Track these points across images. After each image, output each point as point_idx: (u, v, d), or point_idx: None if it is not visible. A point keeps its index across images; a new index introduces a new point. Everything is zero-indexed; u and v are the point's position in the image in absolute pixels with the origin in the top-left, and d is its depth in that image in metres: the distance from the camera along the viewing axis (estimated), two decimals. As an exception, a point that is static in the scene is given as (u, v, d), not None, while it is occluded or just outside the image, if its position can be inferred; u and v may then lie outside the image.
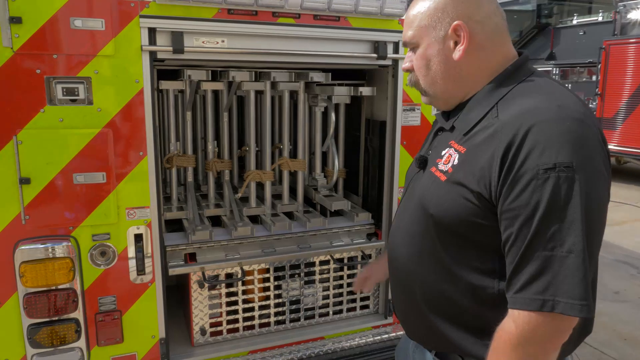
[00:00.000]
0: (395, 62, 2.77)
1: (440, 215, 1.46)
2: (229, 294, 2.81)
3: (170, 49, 2.29)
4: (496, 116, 1.40)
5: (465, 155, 1.42)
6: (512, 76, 1.48)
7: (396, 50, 2.75)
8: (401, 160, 2.92)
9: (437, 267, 1.52)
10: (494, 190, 1.32)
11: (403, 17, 2.72)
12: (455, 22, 1.46)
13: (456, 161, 1.44)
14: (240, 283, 2.81)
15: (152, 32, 2.26)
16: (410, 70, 1.62)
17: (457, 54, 1.48)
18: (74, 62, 2.17)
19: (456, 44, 1.48)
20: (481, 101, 1.48)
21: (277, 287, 2.92)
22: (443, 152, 1.52)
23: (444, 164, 1.49)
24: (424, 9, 1.52)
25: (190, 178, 3.22)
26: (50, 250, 2.23)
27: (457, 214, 1.41)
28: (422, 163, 1.62)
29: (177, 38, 2.29)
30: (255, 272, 2.84)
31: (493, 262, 1.40)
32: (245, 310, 2.87)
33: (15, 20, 2.03)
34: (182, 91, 3.28)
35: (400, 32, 2.67)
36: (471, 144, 1.42)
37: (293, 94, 3.21)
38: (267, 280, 2.90)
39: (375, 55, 2.68)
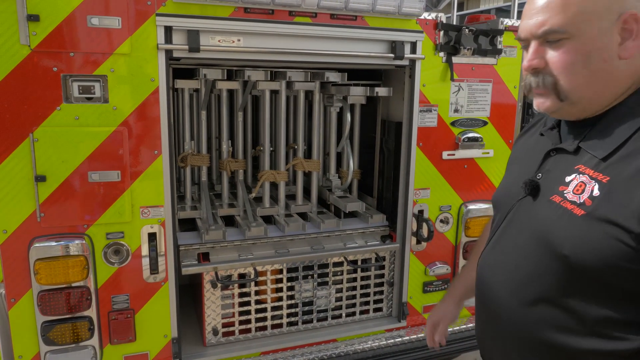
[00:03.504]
0: (413, 62, 2.73)
1: (579, 258, 1.20)
2: (241, 295, 2.79)
3: (186, 47, 2.28)
4: None
5: (610, 185, 1.18)
6: None
7: (413, 51, 2.71)
8: (417, 162, 2.88)
9: (558, 316, 1.28)
10: None
11: (421, 17, 2.68)
12: (629, 11, 1.19)
13: (596, 192, 1.20)
14: (253, 283, 2.79)
15: (168, 30, 2.25)
16: (537, 70, 1.30)
17: (625, 51, 1.22)
18: (91, 60, 2.17)
19: (622, 38, 1.22)
20: (623, 118, 1.23)
21: (290, 288, 2.90)
22: (569, 179, 1.28)
23: (574, 193, 1.25)
24: None
25: (204, 177, 3.21)
26: (64, 248, 2.23)
27: (602, 257, 1.16)
28: (534, 189, 1.37)
29: (193, 37, 2.28)
30: (268, 273, 2.82)
31: (636, 313, 1.18)
32: (257, 311, 2.85)
33: (33, 18, 2.04)
34: (196, 90, 3.27)
35: (418, 32, 2.67)
36: (617, 171, 1.18)
37: (308, 94, 3.19)
38: (280, 281, 2.88)
39: (392, 55, 2.64)
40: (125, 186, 2.30)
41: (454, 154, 2.95)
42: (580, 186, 1.24)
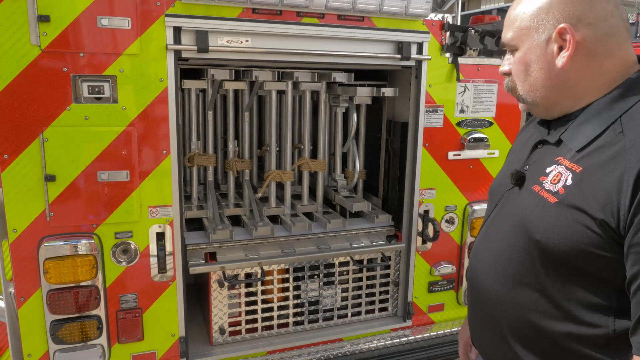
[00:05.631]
0: (419, 62, 2.74)
1: (550, 243, 1.28)
2: (248, 294, 2.81)
3: (195, 48, 2.29)
4: (620, 132, 1.23)
5: (582, 175, 1.25)
6: (638, 86, 1.30)
7: (420, 51, 2.72)
8: (423, 162, 2.89)
9: (536, 299, 1.35)
10: (623, 219, 1.14)
11: (427, 18, 2.69)
12: (561, 25, 1.29)
13: (569, 181, 1.27)
14: (259, 283, 2.80)
15: (177, 31, 2.26)
16: (508, 74, 1.48)
17: (560, 60, 1.32)
18: (100, 61, 2.18)
19: (561, 49, 1.32)
20: (599, 113, 1.30)
21: (296, 288, 2.91)
22: (549, 170, 1.35)
23: (551, 183, 1.32)
24: (526, 8, 1.37)
25: (210, 177, 3.22)
26: (73, 247, 2.24)
27: (572, 243, 1.23)
28: (519, 179, 1.45)
29: (201, 37, 2.29)
30: (275, 273, 2.84)
31: (609, 298, 1.23)
32: (264, 310, 2.86)
33: (44, 19, 2.05)
34: (203, 90, 3.28)
35: (424, 32, 2.68)
36: (589, 162, 1.25)
37: (314, 94, 3.20)
38: (286, 280, 2.89)
39: (399, 56, 2.65)
40: (134, 186, 2.32)
41: (459, 154, 2.96)
42: (557, 176, 1.32)
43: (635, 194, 1.12)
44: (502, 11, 9.90)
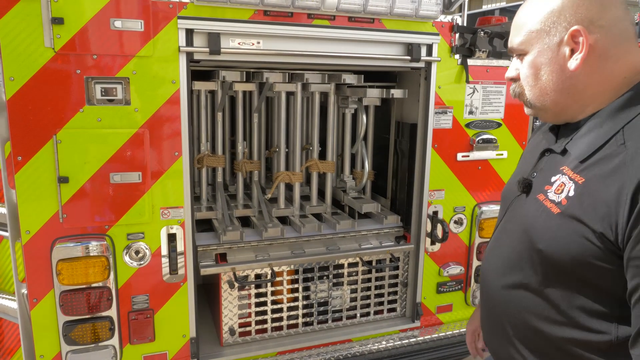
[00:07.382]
0: (429, 64, 2.75)
1: (552, 253, 1.29)
2: (258, 295, 2.81)
3: (207, 50, 2.29)
4: (622, 143, 1.22)
5: (583, 187, 1.25)
6: None
7: (429, 53, 2.73)
8: (432, 163, 2.89)
9: (540, 305, 1.36)
10: (621, 233, 1.14)
11: (437, 20, 2.70)
12: (574, 28, 1.28)
13: (572, 192, 1.27)
14: (269, 284, 2.81)
15: (189, 33, 2.27)
16: (514, 80, 1.46)
17: (573, 63, 1.30)
18: (113, 63, 2.18)
19: (573, 52, 1.30)
20: (603, 123, 1.30)
21: (306, 289, 2.92)
22: (553, 179, 1.36)
23: (555, 193, 1.33)
24: (535, 12, 1.35)
25: (219, 178, 3.23)
26: (86, 248, 2.25)
27: (573, 254, 1.24)
28: (527, 187, 1.46)
29: (213, 39, 2.30)
30: (285, 274, 2.84)
31: (611, 306, 1.23)
32: (273, 311, 2.87)
33: (57, 21, 2.06)
34: (212, 92, 3.29)
35: (434, 34, 2.69)
36: (591, 174, 1.25)
37: (322, 96, 3.20)
38: (295, 281, 2.89)
39: (409, 57, 2.66)
40: (146, 187, 2.32)
41: (468, 156, 2.97)
42: (560, 186, 1.32)
43: (634, 208, 1.12)
44: (505, 11, 9.90)
